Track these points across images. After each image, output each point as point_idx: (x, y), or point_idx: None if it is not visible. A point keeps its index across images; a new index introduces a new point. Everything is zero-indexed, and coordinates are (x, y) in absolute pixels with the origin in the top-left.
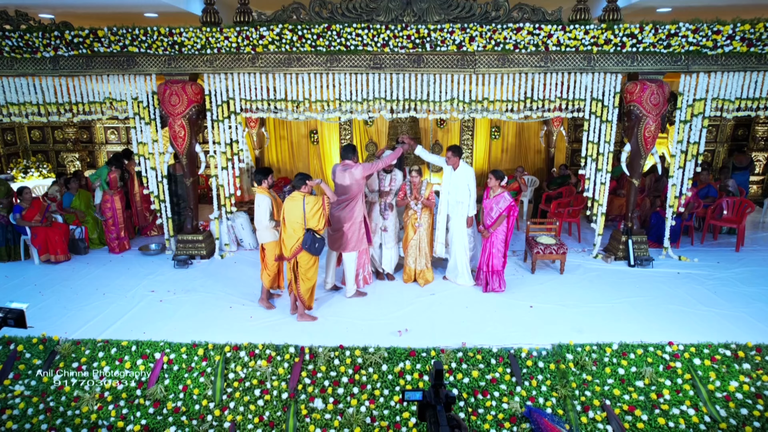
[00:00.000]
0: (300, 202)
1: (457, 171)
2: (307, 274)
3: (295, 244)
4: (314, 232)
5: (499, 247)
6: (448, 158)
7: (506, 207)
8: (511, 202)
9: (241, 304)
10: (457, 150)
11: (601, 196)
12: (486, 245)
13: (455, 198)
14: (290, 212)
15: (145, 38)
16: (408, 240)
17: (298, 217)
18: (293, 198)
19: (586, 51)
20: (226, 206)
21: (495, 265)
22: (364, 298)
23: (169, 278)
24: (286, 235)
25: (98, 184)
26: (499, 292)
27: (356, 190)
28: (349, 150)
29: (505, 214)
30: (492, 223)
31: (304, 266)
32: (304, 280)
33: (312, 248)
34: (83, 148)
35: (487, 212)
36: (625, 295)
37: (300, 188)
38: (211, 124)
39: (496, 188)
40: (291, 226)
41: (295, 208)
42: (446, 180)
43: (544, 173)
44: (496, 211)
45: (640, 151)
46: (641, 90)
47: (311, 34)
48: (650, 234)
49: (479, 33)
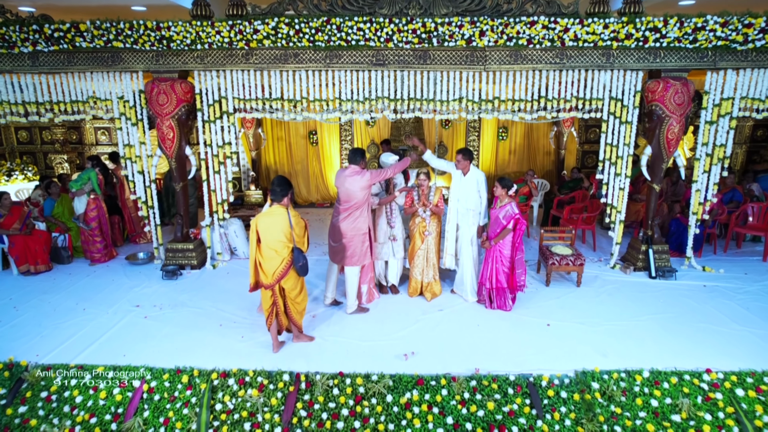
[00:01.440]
0: (283, 217)
1: (467, 176)
2: (297, 298)
3: (278, 268)
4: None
5: (504, 263)
6: (458, 162)
7: (509, 219)
8: (515, 214)
9: (232, 321)
10: (468, 153)
11: (620, 202)
12: (488, 259)
13: (465, 205)
14: (269, 230)
15: (131, 33)
16: (415, 250)
17: (282, 234)
18: (272, 213)
19: (605, 46)
20: (219, 213)
21: (500, 282)
22: (367, 315)
23: (157, 291)
24: (264, 257)
25: (88, 188)
26: (504, 310)
27: (362, 198)
28: (358, 154)
29: (509, 227)
30: (495, 235)
31: (292, 291)
32: (294, 304)
33: (305, 267)
34: (72, 149)
35: (492, 223)
36: (649, 311)
37: (281, 201)
38: (202, 125)
39: (503, 197)
40: (271, 246)
41: (275, 224)
42: (455, 186)
43: (554, 176)
44: (499, 224)
45: (662, 155)
46: (664, 88)
47: (309, 29)
48: (670, 242)
49: (490, 27)
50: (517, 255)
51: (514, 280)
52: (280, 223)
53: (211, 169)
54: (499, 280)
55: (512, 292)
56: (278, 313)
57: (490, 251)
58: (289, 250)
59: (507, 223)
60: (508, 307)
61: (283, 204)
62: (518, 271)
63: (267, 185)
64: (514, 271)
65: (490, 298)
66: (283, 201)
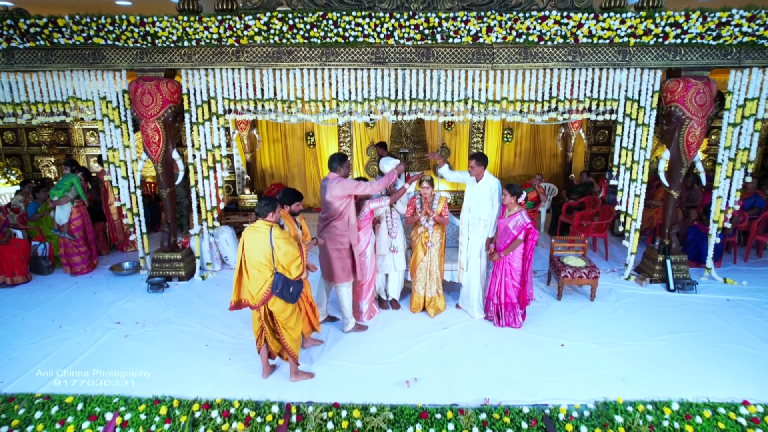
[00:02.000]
0: (265, 235)
1: (480, 183)
2: (289, 323)
3: (261, 289)
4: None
5: (514, 277)
6: (472, 168)
7: (520, 229)
8: (526, 224)
9: (219, 341)
10: (482, 159)
11: (635, 210)
12: (496, 272)
13: (476, 215)
14: (251, 247)
15: (113, 28)
16: (417, 262)
17: (262, 254)
18: (256, 229)
19: (621, 43)
20: (208, 221)
21: (509, 297)
22: (365, 333)
23: (141, 305)
24: (248, 275)
25: (73, 195)
26: (514, 328)
27: (337, 210)
28: (335, 160)
29: (520, 238)
30: (504, 247)
31: (280, 315)
32: (287, 330)
33: (285, 293)
34: (60, 151)
35: (501, 233)
36: (671, 329)
37: (266, 216)
38: (190, 127)
39: (513, 206)
40: (253, 265)
41: (257, 242)
42: (468, 194)
43: (561, 179)
44: (509, 234)
45: (682, 159)
46: (684, 88)
47: (304, 24)
48: (687, 251)
49: (498, 22)
50: (529, 268)
51: (525, 294)
52: (260, 242)
53: (200, 174)
54: (508, 295)
55: (522, 307)
56: (267, 337)
57: (499, 264)
58: (271, 272)
59: (518, 234)
60: (518, 324)
61: (268, 220)
62: (528, 285)
63: (262, 189)
64: (525, 285)
65: (498, 314)
66: (269, 216)
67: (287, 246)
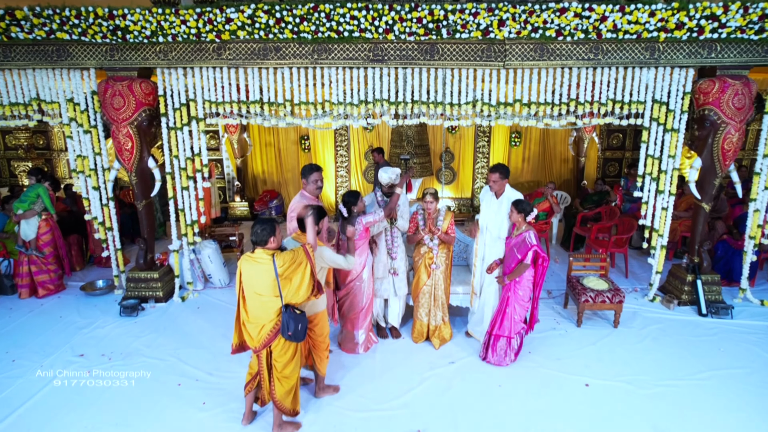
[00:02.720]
0: (267, 266)
1: (500, 199)
2: (285, 370)
3: (264, 329)
4: (293, 308)
5: (516, 308)
6: (493, 183)
7: (525, 251)
8: (531, 245)
9: (194, 378)
10: (506, 171)
11: (662, 224)
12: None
13: (495, 233)
14: (251, 281)
15: (79, 22)
16: (420, 286)
17: (266, 288)
18: (256, 260)
19: (649, 39)
20: (188, 236)
21: (505, 329)
22: (361, 370)
23: (110, 333)
24: (248, 313)
25: (40, 207)
26: (498, 365)
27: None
28: (305, 170)
29: (526, 262)
30: (509, 271)
31: (280, 357)
32: (281, 379)
33: (296, 334)
34: (38, 155)
35: (507, 255)
36: (709, 364)
37: (266, 244)
38: (168, 132)
39: (521, 224)
40: (255, 301)
41: (259, 276)
42: (485, 211)
43: (572, 186)
44: (513, 257)
45: (715, 168)
46: (720, 89)
47: (293, 17)
48: (716, 268)
49: (511, 15)
50: (539, 295)
51: (533, 320)
52: (263, 274)
53: (179, 184)
54: (504, 327)
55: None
56: (263, 382)
57: (505, 290)
58: (278, 309)
59: (522, 257)
60: (507, 363)
61: (270, 248)
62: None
63: (254, 196)
64: (535, 309)
65: (487, 345)
66: (270, 243)
67: (298, 275)
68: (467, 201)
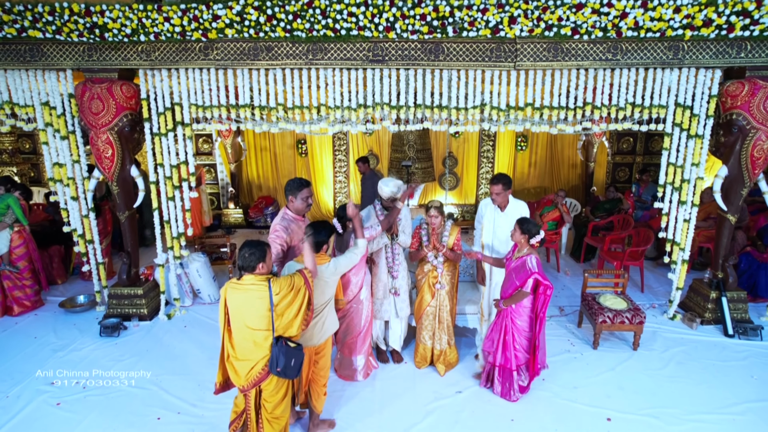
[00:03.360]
0: (261, 293)
1: (505, 212)
2: (276, 411)
3: (255, 366)
4: (287, 341)
5: (516, 337)
6: (496, 195)
7: (524, 278)
8: (533, 273)
9: (176, 411)
10: (508, 181)
11: (684, 237)
12: (498, 323)
13: (503, 249)
14: (239, 311)
15: (53, 18)
16: (423, 307)
17: (257, 318)
18: (243, 287)
19: (673, 37)
20: (175, 249)
21: (508, 360)
22: (360, 402)
23: (87, 355)
24: (235, 348)
25: (11, 219)
26: (508, 400)
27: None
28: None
29: (525, 290)
30: (506, 295)
31: (271, 400)
32: (270, 420)
33: (288, 369)
34: (24, 160)
35: (506, 278)
36: (742, 395)
37: (254, 269)
38: (151, 138)
39: (523, 246)
40: (246, 337)
41: (249, 305)
42: (489, 227)
43: (581, 193)
44: (512, 282)
45: (743, 177)
46: (750, 92)
47: (285, 14)
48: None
49: (523, 12)
50: (541, 329)
51: (535, 363)
52: (255, 302)
53: (164, 194)
54: (507, 358)
55: (531, 378)
56: (249, 422)
57: (500, 316)
58: (268, 344)
59: (522, 284)
60: (514, 398)
61: (261, 272)
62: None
63: (249, 202)
64: (537, 352)
65: (489, 376)
66: (259, 268)
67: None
68: (471, 207)
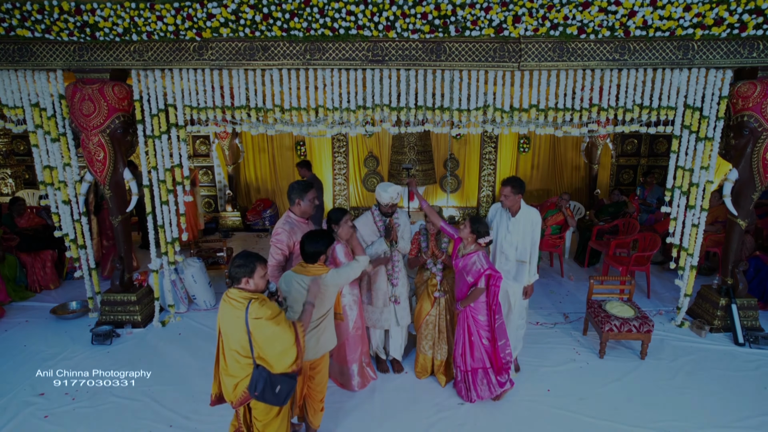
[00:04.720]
0: (239, 311)
1: (517, 217)
2: (267, 430)
3: (239, 385)
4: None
5: (482, 333)
6: (505, 198)
7: (477, 276)
8: (485, 269)
9: (168, 425)
10: (520, 184)
11: (692, 243)
12: (460, 328)
13: (512, 256)
14: (224, 325)
15: (42, 17)
16: (423, 315)
17: (235, 338)
18: (230, 302)
19: (683, 36)
20: (169, 255)
21: (478, 360)
22: (357, 416)
23: (78, 364)
24: (225, 362)
25: None
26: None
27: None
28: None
29: (480, 286)
30: (462, 296)
31: (261, 419)
32: None
33: (267, 395)
34: (18, 162)
35: (457, 278)
36: (757, 407)
37: (240, 281)
38: (144, 141)
39: (468, 243)
40: (229, 352)
41: (231, 321)
42: (500, 233)
43: (584, 195)
44: (464, 281)
45: (754, 181)
46: (763, 93)
47: (282, 13)
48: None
49: (528, 10)
50: (497, 321)
51: (497, 355)
52: (234, 322)
53: (157, 198)
54: (476, 358)
55: (498, 373)
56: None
57: (461, 318)
58: (250, 365)
59: (475, 281)
60: (494, 393)
61: (247, 288)
62: (501, 343)
63: (247, 205)
64: (496, 343)
65: (466, 384)
66: (243, 282)
67: (272, 328)
68: (473, 210)
